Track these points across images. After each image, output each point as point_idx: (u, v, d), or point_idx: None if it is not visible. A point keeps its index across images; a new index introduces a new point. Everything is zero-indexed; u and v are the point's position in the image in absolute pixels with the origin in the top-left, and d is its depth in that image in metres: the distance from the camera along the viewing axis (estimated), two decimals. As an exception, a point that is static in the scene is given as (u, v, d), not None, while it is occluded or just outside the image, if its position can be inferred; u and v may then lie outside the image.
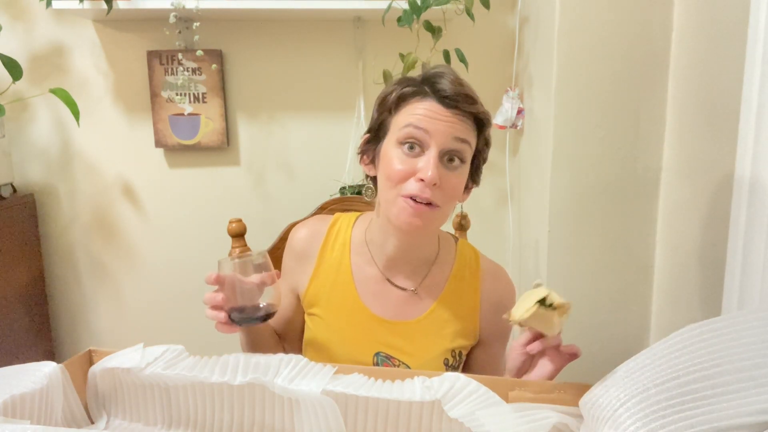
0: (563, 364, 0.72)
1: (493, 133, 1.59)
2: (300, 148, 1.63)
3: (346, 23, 1.56)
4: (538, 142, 1.39)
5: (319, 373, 0.68)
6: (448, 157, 0.76)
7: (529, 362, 0.74)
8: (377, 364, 0.85)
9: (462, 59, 1.42)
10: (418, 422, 0.65)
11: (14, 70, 1.32)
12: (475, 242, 1.09)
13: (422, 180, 0.73)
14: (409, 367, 0.85)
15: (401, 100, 0.79)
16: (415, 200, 0.74)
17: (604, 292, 1.36)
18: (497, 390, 0.65)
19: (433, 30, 1.40)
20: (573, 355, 0.71)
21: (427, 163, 0.73)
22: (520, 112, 1.50)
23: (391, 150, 0.78)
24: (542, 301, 0.66)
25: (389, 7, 1.36)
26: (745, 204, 0.97)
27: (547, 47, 1.30)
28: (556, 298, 0.67)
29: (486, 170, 0.89)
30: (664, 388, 0.49)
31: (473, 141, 0.79)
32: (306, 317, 0.92)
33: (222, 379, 0.68)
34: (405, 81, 0.80)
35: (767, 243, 0.92)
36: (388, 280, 0.87)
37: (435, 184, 0.74)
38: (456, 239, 0.95)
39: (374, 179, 0.84)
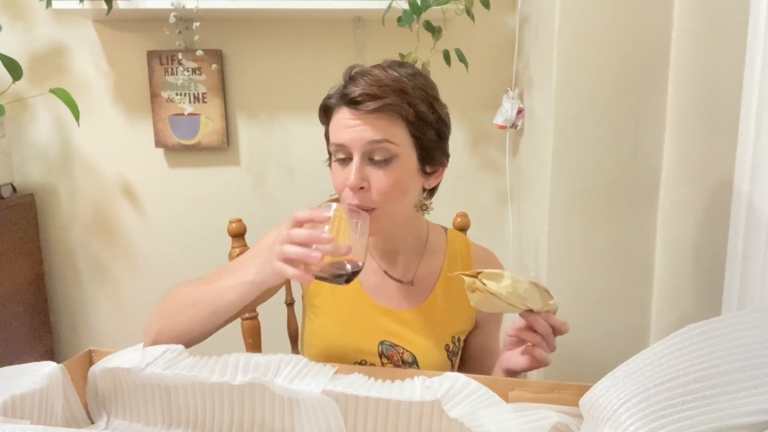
0: (528, 366, 0.75)
1: (493, 133, 1.60)
2: (300, 148, 1.63)
3: (346, 23, 1.56)
4: (538, 142, 1.39)
5: (319, 373, 0.68)
6: (373, 158, 0.76)
7: (511, 344, 0.78)
8: (382, 353, 0.87)
9: (462, 59, 1.42)
10: (418, 422, 0.65)
11: (14, 70, 1.32)
12: (475, 242, 1.09)
13: (348, 188, 0.75)
14: (412, 354, 0.87)
15: (326, 114, 0.81)
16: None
17: (604, 292, 1.36)
18: (497, 390, 0.65)
19: (433, 30, 1.40)
20: (538, 361, 0.74)
21: (349, 171, 0.75)
22: (520, 112, 1.50)
23: (333, 164, 0.81)
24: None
25: (389, 7, 1.36)
26: (745, 204, 0.97)
27: (547, 47, 1.30)
28: (490, 284, 0.68)
29: (486, 170, 0.89)
30: (664, 388, 0.49)
31: (396, 134, 0.75)
32: (308, 310, 0.93)
33: (222, 379, 0.68)
34: (331, 91, 0.80)
35: (767, 243, 0.91)
36: (386, 273, 0.90)
37: (363, 188, 0.75)
38: (445, 229, 0.97)
39: None
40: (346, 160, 0.77)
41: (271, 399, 0.69)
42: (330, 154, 0.84)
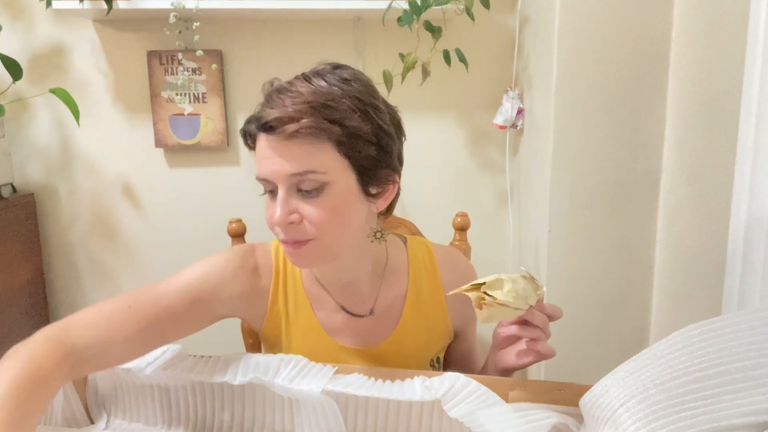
0: (532, 362, 0.72)
1: (493, 133, 1.60)
2: (300, 148, 1.63)
3: (346, 23, 1.56)
4: (538, 142, 1.39)
5: (319, 373, 0.68)
6: (301, 189, 0.66)
7: (505, 342, 0.75)
8: None
9: (462, 59, 1.42)
10: (418, 422, 0.65)
11: (14, 70, 1.32)
12: (475, 242, 1.09)
13: (276, 225, 0.67)
14: None
15: (250, 140, 0.71)
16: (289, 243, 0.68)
17: (604, 292, 1.36)
18: (497, 390, 0.65)
19: (433, 30, 1.40)
20: (543, 355, 0.70)
21: (275, 207, 0.66)
22: (520, 112, 1.50)
23: (265, 197, 0.71)
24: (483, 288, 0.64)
25: (389, 7, 1.36)
26: (745, 204, 0.97)
27: (547, 47, 1.30)
28: (498, 294, 0.64)
29: (486, 170, 0.88)
30: (664, 388, 0.49)
31: (323, 160, 0.65)
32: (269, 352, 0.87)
33: (222, 379, 0.68)
34: (255, 111, 0.70)
35: (767, 243, 0.91)
36: (343, 308, 0.82)
37: (293, 223, 0.67)
38: (404, 240, 0.88)
39: None
40: (275, 193, 0.67)
41: (271, 399, 0.69)
42: None
